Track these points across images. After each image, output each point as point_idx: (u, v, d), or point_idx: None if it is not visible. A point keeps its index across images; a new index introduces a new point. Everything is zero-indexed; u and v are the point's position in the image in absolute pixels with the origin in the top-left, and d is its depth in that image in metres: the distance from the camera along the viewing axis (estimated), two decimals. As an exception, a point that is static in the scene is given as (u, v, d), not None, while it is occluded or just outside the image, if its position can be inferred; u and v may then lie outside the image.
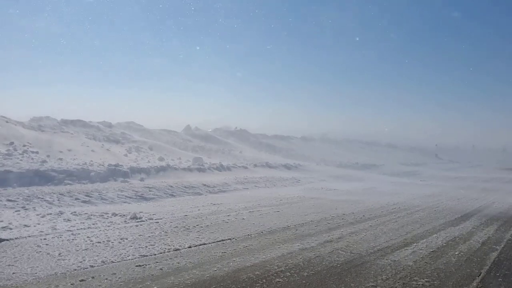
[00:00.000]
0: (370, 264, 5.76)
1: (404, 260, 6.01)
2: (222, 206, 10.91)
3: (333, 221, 9.27)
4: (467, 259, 6.18)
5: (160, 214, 9.37)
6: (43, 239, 6.62)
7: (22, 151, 14.96)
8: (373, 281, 4.99)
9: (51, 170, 12.58)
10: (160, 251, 6.17)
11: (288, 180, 19.33)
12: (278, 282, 4.87)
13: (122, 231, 7.43)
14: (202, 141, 34.43)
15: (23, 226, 7.41)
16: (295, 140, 49.58)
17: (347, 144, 56.02)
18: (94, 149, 18.97)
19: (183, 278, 4.91)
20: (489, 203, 13.67)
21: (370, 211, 10.99)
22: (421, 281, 5.00)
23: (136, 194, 11.78)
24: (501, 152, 68.51)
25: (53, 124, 22.21)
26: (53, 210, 9.04)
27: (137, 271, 5.13)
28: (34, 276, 4.82)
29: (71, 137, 20.08)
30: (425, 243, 7.22)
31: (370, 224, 9.02)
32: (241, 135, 44.64)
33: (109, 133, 24.59)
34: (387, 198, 14.38)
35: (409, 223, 9.29)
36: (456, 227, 8.91)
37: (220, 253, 6.16)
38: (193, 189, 13.72)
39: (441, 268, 5.63)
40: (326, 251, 6.46)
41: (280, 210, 10.60)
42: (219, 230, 7.81)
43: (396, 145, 61.94)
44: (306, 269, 5.44)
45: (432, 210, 11.58)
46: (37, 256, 5.68)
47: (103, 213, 9.05)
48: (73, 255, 5.75)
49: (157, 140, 27.96)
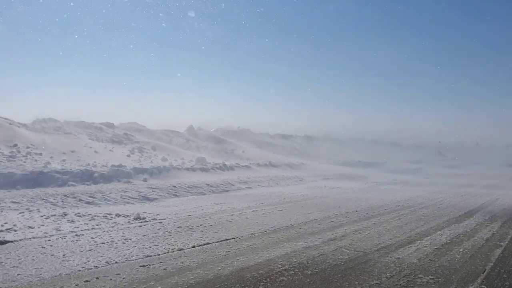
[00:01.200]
0: (374, 262, 5.76)
1: (408, 257, 6.00)
2: (226, 206, 10.92)
3: (337, 219, 9.26)
4: (471, 256, 6.16)
5: (164, 214, 9.38)
6: (48, 241, 6.64)
7: (25, 153, 15.01)
8: (377, 279, 4.98)
9: (55, 172, 12.62)
10: (164, 251, 6.18)
11: (291, 179, 19.33)
12: (282, 280, 4.87)
13: (125, 232, 7.44)
14: (205, 141, 34.45)
15: (27, 228, 7.44)
16: (298, 139, 49.55)
17: (350, 142, 55.94)
18: (97, 150, 19.02)
19: (187, 278, 4.92)
20: (493, 200, 13.64)
21: (373, 209, 10.98)
22: (426, 279, 4.99)
23: (139, 195, 11.79)
24: (505, 149, 68.21)
25: (56, 126, 22.26)
26: (57, 212, 9.07)
27: (141, 271, 5.14)
28: (39, 278, 4.83)
29: (74, 139, 20.13)
30: (429, 240, 7.21)
31: (373, 222, 9.01)
32: (244, 135, 44.64)
33: (112, 134, 24.64)
34: (390, 195, 14.36)
35: (413, 220, 9.28)
36: (460, 224, 8.89)
37: (224, 252, 6.17)
38: (196, 189, 13.73)
39: (445, 265, 5.61)
40: (330, 249, 6.45)
41: (284, 209, 10.60)
42: (222, 230, 7.81)
43: (400, 143, 61.77)
44: (310, 267, 5.43)
45: (436, 207, 11.55)
46: (42, 257, 5.70)
47: (107, 214, 9.07)
48: (77, 256, 5.77)
49: (160, 141, 28.00)
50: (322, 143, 50.32)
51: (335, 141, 55.01)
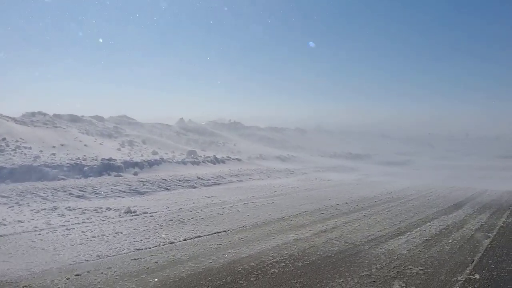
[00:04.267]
0: (364, 253, 5.80)
1: (398, 248, 6.06)
2: (217, 199, 10.92)
3: (327, 211, 9.31)
4: (460, 247, 6.23)
5: (155, 207, 9.36)
6: (38, 235, 6.60)
7: (14, 147, 14.87)
8: (368, 270, 5.02)
9: (44, 166, 12.52)
10: (155, 244, 6.18)
11: (282, 172, 19.36)
12: (273, 272, 4.90)
13: (116, 225, 7.42)
14: (196, 134, 34.37)
15: (17, 222, 7.39)
16: (289, 131, 49.62)
17: (340, 134, 56.13)
18: (87, 144, 18.90)
19: (179, 270, 4.92)
20: (481, 191, 13.78)
21: (363, 200, 11.05)
22: (415, 269, 5.04)
23: (130, 188, 11.75)
24: (494, 140, 68.85)
25: (46, 119, 22.08)
26: (47, 206, 9.01)
27: (132, 265, 5.14)
28: (29, 272, 4.81)
29: (64, 132, 19.97)
30: (419, 231, 7.28)
31: (363, 213, 9.07)
32: (235, 128, 44.62)
33: (102, 127, 24.50)
34: (381, 187, 14.45)
35: (403, 212, 9.36)
36: (449, 215, 8.98)
37: (216, 245, 6.18)
38: (187, 182, 13.71)
39: (434, 256, 5.67)
40: (321, 241, 6.49)
41: (275, 202, 10.63)
42: (214, 223, 7.82)
43: (390, 135, 62.16)
44: (301, 259, 5.47)
45: (425, 199, 11.65)
46: (32, 251, 5.67)
47: (97, 207, 9.03)
48: (68, 250, 5.74)
49: (151, 134, 27.90)
50: (313, 135, 50.43)
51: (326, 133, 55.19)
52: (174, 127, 35.79)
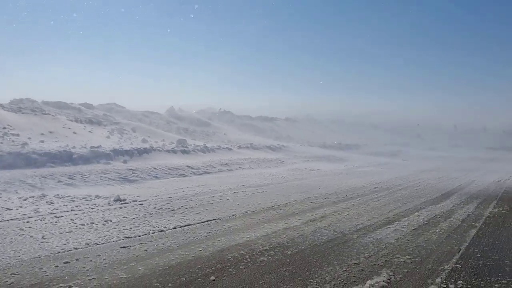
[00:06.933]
0: (353, 242, 5.85)
1: (386, 238, 6.12)
2: (207, 188, 10.93)
3: (317, 200, 9.36)
4: (447, 236, 6.31)
5: (144, 196, 9.34)
6: (26, 222, 6.56)
7: (2, 134, 14.71)
8: (356, 258, 5.07)
9: (33, 153, 12.41)
10: (144, 232, 6.17)
11: (273, 161, 19.41)
12: (262, 260, 4.92)
13: (106, 213, 7.40)
14: (186, 123, 34.26)
15: (5, 210, 7.33)
16: (280, 121, 49.66)
17: (330, 124, 56.33)
18: (76, 131, 18.76)
19: (168, 258, 4.93)
20: (469, 182, 13.94)
21: (352, 190, 11.12)
22: (403, 258, 5.10)
23: (119, 176, 11.71)
24: (482, 131, 69.56)
25: (34, 106, 21.85)
26: (36, 193, 8.95)
27: (122, 253, 5.13)
28: (18, 259, 4.78)
29: (53, 119, 19.79)
30: (407, 221, 7.35)
31: (352, 203, 9.14)
32: (225, 117, 44.55)
33: (91, 115, 24.30)
34: (370, 177, 14.55)
35: (391, 201, 9.44)
36: (437, 205, 9.07)
37: (205, 233, 6.19)
38: (177, 171, 13.69)
39: (422, 246, 5.74)
40: (310, 230, 6.53)
41: (265, 191, 10.66)
42: (204, 211, 7.83)
43: (379, 125, 62.51)
44: (290, 247, 5.50)
45: (413, 189, 11.76)
46: (20, 239, 5.64)
47: (87, 195, 8.99)
48: (57, 238, 5.72)
49: (140, 122, 27.76)
50: (304, 125, 50.55)
51: (316, 123, 55.33)
52: (164, 116, 35.64)
